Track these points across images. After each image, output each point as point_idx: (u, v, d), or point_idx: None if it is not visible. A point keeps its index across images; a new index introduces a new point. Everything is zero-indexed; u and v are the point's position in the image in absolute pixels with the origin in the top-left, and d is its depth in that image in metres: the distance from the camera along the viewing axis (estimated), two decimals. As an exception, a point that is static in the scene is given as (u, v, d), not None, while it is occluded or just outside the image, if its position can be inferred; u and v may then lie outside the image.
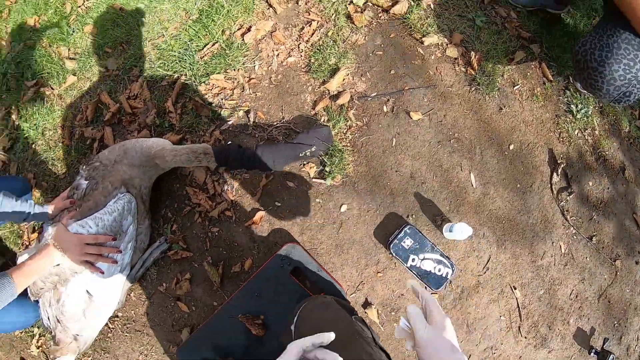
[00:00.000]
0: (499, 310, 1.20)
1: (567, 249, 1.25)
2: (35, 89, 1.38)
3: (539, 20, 1.29)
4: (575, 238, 1.25)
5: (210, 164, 1.07)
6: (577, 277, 1.24)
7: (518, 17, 1.28)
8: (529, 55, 1.26)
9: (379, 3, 1.25)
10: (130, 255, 1.17)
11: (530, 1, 1.25)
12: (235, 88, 1.20)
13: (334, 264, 1.15)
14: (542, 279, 1.22)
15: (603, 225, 1.27)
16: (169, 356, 1.23)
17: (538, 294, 1.22)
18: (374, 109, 1.20)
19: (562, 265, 1.24)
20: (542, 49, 1.26)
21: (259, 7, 1.26)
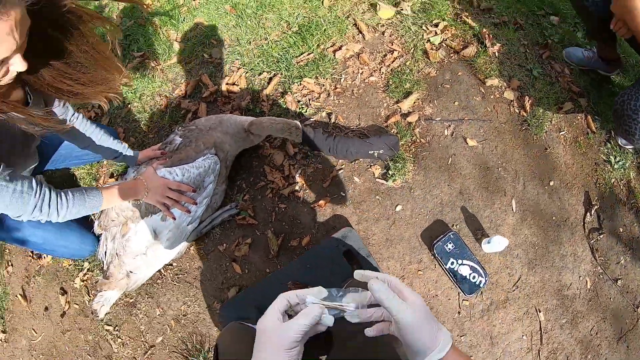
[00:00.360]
0: (522, 329, 1.30)
1: (592, 285, 1.35)
2: (141, 59, 1.62)
3: (589, 78, 1.48)
4: (602, 277, 1.36)
5: (297, 138, 1.23)
6: (600, 315, 1.33)
7: (571, 73, 1.48)
8: (576, 107, 1.44)
9: (452, 45, 1.47)
10: (202, 210, 1.28)
11: (584, 62, 1.45)
12: (322, 93, 1.41)
13: (381, 254, 1.29)
14: (566, 309, 1.32)
15: (630, 270, 1.38)
16: (210, 311, 1.34)
17: (560, 322, 1.32)
18: (436, 131, 1.39)
19: (586, 300, 1.34)
20: (589, 104, 1.44)
21: (350, 32, 1.49)
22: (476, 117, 1.40)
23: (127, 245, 1.28)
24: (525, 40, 1.52)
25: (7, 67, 0.77)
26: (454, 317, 1.27)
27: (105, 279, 1.32)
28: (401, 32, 1.49)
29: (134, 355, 1.40)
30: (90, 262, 1.50)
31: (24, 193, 0.96)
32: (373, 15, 1.51)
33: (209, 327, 1.34)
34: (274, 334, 0.51)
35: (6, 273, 1.66)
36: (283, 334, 0.50)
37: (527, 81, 1.46)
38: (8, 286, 1.64)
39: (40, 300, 1.56)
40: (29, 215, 1.00)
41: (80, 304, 1.49)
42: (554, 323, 1.30)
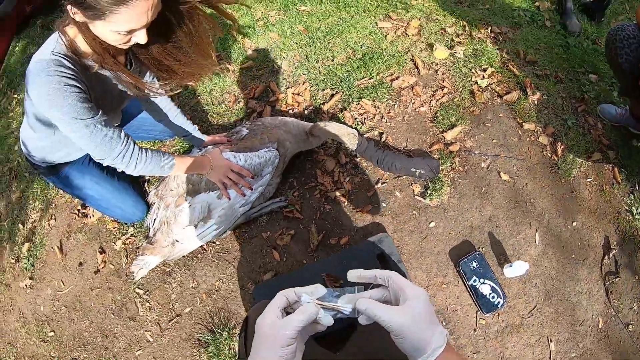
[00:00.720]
0: (532, 356, 1.35)
1: (604, 326, 1.41)
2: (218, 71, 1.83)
3: (620, 134, 1.62)
4: (614, 320, 1.43)
5: (352, 145, 1.37)
6: (609, 356, 1.37)
7: (603, 127, 1.63)
8: (604, 158, 1.57)
9: (496, 89, 1.64)
10: (256, 197, 1.40)
11: (616, 118, 1.60)
12: (376, 114, 1.58)
13: (411, 263, 1.41)
14: (577, 343, 1.38)
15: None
16: (243, 290, 1.43)
17: (570, 356, 1.36)
18: (474, 162, 1.53)
19: (597, 340, 1.39)
20: (617, 156, 1.58)
21: (408, 66, 1.68)
22: (511, 155, 1.54)
23: (179, 215, 1.37)
24: (563, 93, 1.68)
25: (131, 37, 0.94)
26: (470, 334, 1.36)
27: (150, 244, 1.41)
28: (452, 72, 1.67)
29: (159, 321, 1.48)
30: (136, 227, 1.60)
31: (113, 139, 1.08)
32: (429, 54, 1.70)
33: (238, 305, 1.43)
34: (270, 331, 0.51)
35: (47, 225, 1.77)
36: (279, 330, 0.51)
37: (561, 129, 1.61)
38: (46, 238, 1.74)
39: (76, 255, 1.66)
40: (111, 160, 1.12)
41: (116, 265, 1.58)
42: (564, 355, 1.35)
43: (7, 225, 1.89)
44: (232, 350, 1.40)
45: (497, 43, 1.77)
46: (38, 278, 1.70)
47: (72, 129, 1.02)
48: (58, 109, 0.96)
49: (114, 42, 0.94)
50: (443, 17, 1.89)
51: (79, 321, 1.58)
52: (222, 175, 1.33)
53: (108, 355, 1.52)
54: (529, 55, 1.75)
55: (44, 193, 1.86)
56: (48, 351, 1.59)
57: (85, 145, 1.07)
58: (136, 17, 0.87)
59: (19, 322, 1.68)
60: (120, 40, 0.93)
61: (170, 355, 1.45)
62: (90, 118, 1.02)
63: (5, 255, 1.83)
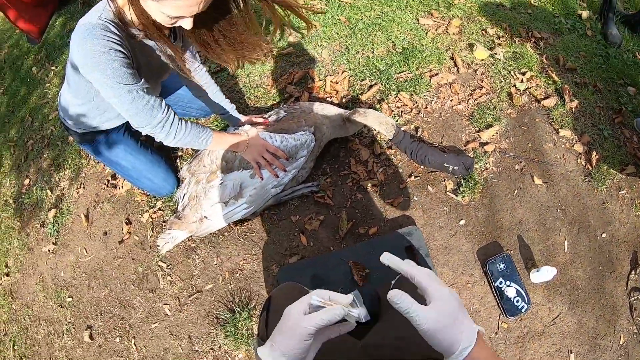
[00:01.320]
0: None
1: (625, 342, 1.39)
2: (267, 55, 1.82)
3: (656, 150, 1.61)
4: (635, 337, 1.41)
5: (389, 134, 1.37)
6: None
7: (638, 141, 1.61)
8: (638, 172, 1.56)
9: (534, 93, 1.63)
10: (289, 179, 1.39)
11: (653, 134, 1.59)
12: (414, 108, 1.58)
13: (438, 259, 1.40)
14: (597, 358, 1.35)
15: (664, 339, 1.43)
16: (266, 272, 1.43)
17: None
18: (507, 164, 1.53)
19: (617, 356, 1.37)
20: (651, 172, 1.57)
21: (447, 63, 1.68)
22: (546, 160, 1.54)
23: (209, 191, 1.37)
24: (601, 103, 1.66)
25: (177, 20, 0.95)
26: (491, 336, 1.35)
27: (178, 219, 1.41)
28: (491, 73, 1.66)
29: (179, 295, 1.49)
30: (164, 201, 1.61)
31: (154, 108, 1.09)
32: (469, 54, 1.69)
33: (261, 286, 1.43)
34: (294, 322, 0.54)
35: (75, 193, 1.78)
36: (302, 322, 0.53)
37: (596, 139, 1.60)
38: (73, 205, 1.76)
39: (101, 224, 1.67)
40: (151, 128, 1.11)
41: (140, 237, 1.59)
42: None
43: (36, 191, 1.91)
44: (250, 331, 1.40)
45: (538, 48, 1.76)
46: (61, 244, 1.72)
47: (115, 94, 1.02)
48: (101, 72, 0.97)
49: (160, 21, 0.95)
50: (484, 18, 1.88)
51: (98, 289, 1.60)
52: (257, 154, 1.33)
53: (124, 325, 1.53)
54: (568, 62, 1.74)
55: (74, 162, 1.88)
56: (64, 316, 1.60)
57: (126, 111, 1.07)
58: (187, 7, 0.88)
59: (38, 285, 1.70)
60: (166, 21, 0.94)
61: (187, 330, 1.46)
62: (133, 84, 1.02)
63: (30, 219, 1.85)
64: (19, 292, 1.75)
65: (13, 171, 2.07)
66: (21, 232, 1.86)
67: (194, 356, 1.42)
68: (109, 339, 1.51)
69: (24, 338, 1.65)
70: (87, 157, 1.85)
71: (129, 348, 1.48)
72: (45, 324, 1.63)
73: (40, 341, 1.61)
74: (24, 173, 2.02)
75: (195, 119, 1.70)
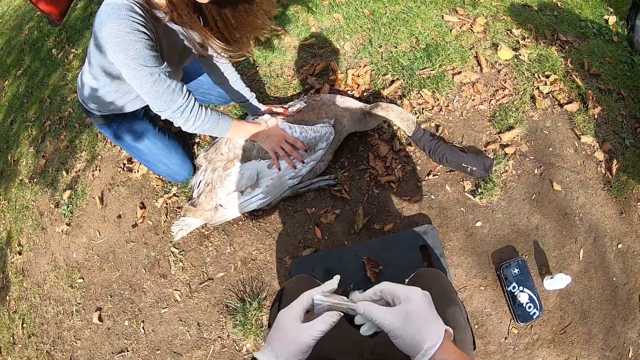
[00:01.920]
0: None
1: (633, 356, 1.36)
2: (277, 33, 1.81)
3: (678, 162, 1.58)
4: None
5: (408, 131, 1.35)
6: None
7: (661, 152, 1.59)
8: (659, 184, 1.54)
9: (557, 97, 1.61)
10: (307, 171, 1.39)
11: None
12: (435, 106, 1.56)
13: (452, 260, 1.39)
14: None
15: (674, 354, 1.42)
16: (279, 263, 1.43)
17: None
18: (527, 167, 1.51)
19: None
20: (673, 185, 1.54)
21: (471, 62, 1.65)
22: (566, 166, 1.52)
23: (225, 179, 1.36)
24: (624, 111, 1.63)
25: None
26: (500, 341, 1.34)
27: (192, 206, 1.41)
28: (515, 74, 1.63)
29: (190, 282, 1.49)
30: (179, 188, 1.61)
31: (175, 92, 1.07)
32: (493, 53, 1.67)
33: (272, 277, 1.43)
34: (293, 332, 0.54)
35: (91, 176, 1.79)
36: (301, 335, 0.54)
37: (618, 147, 1.57)
38: (88, 187, 1.77)
39: (115, 207, 1.68)
40: (171, 113, 1.10)
41: (154, 222, 1.60)
42: None
43: (51, 172, 1.92)
44: (259, 321, 1.41)
45: (563, 51, 1.73)
46: (75, 225, 1.73)
47: (136, 76, 1.01)
48: (124, 53, 0.96)
49: None
50: (510, 18, 1.85)
51: (110, 272, 1.61)
52: (275, 144, 1.32)
53: (133, 308, 1.54)
54: (593, 67, 1.71)
55: (91, 144, 1.88)
56: (74, 297, 1.62)
57: (146, 94, 1.06)
58: None
59: (49, 265, 1.71)
60: None
61: (196, 317, 1.47)
62: (155, 67, 1.02)
63: (45, 199, 1.86)
64: (31, 271, 1.77)
65: (30, 151, 2.08)
66: (35, 212, 1.87)
67: (201, 343, 1.43)
68: (118, 322, 1.52)
69: (33, 316, 1.67)
70: (104, 140, 1.86)
71: (137, 332, 1.49)
72: (55, 304, 1.64)
73: (50, 320, 1.63)
74: (40, 153, 2.03)
75: (215, 106, 1.69)
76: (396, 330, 0.51)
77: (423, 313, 0.52)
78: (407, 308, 0.52)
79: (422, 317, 0.52)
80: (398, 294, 0.55)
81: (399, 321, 0.51)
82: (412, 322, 0.51)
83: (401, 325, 0.51)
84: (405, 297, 0.54)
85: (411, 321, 0.51)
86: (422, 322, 0.52)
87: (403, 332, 0.51)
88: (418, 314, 0.52)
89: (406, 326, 0.51)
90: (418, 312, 0.52)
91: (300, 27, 1.82)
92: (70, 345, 1.56)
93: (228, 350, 1.41)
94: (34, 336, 1.64)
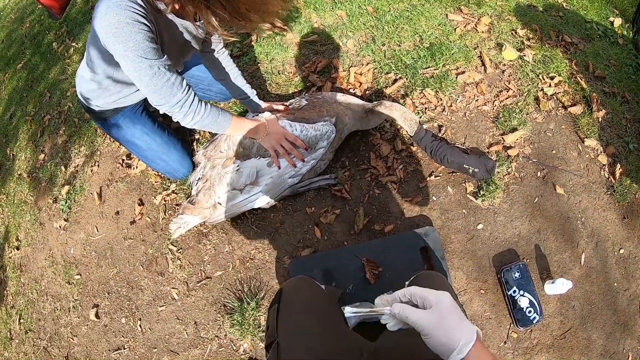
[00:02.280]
0: None
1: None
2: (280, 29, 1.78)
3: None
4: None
5: (410, 130, 1.34)
6: None
7: (666, 158, 1.57)
8: (663, 189, 1.52)
9: (562, 99, 1.59)
10: (307, 170, 1.37)
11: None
12: (438, 106, 1.54)
13: (453, 263, 1.38)
14: None
15: (674, 362, 1.40)
16: (278, 263, 1.42)
17: None
18: (530, 170, 1.49)
19: None
20: (677, 190, 1.52)
21: (475, 62, 1.63)
22: (569, 169, 1.50)
23: (224, 177, 1.35)
24: (628, 115, 1.62)
25: None
26: (499, 345, 1.33)
27: (191, 204, 1.39)
28: (519, 75, 1.61)
29: (187, 280, 1.48)
30: (178, 185, 1.60)
31: (174, 86, 1.06)
32: (497, 54, 1.65)
33: (271, 277, 1.42)
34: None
35: (90, 171, 1.77)
36: None
37: (622, 151, 1.55)
38: (86, 183, 1.75)
39: (114, 203, 1.67)
40: (169, 107, 1.08)
41: (152, 219, 1.59)
42: None
43: (50, 167, 1.91)
44: (257, 321, 1.40)
45: (567, 53, 1.71)
46: (73, 221, 1.72)
47: (135, 68, 1.00)
48: (123, 44, 0.94)
49: None
50: (515, 18, 1.82)
51: (107, 269, 1.60)
52: (275, 142, 1.30)
53: (130, 306, 1.53)
54: (598, 70, 1.69)
55: (90, 139, 1.87)
56: (71, 293, 1.61)
57: (145, 87, 1.05)
58: None
59: (47, 260, 1.70)
60: None
61: (193, 316, 1.46)
62: (155, 59, 1.00)
63: (43, 194, 1.85)
64: (28, 266, 1.76)
65: (29, 145, 2.06)
66: (33, 207, 1.86)
67: (198, 342, 1.42)
68: (115, 319, 1.51)
69: (30, 312, 1.66)
70: (103, 135, 1.84)
71: (134, 329, 1.48)
72: (53, 300, 1.63)
73: (47, 316, 1.62)
74: (39, 148, 2.01)
75: (215, 103, 1.68)
76: (431, 329, 0.54)
77: (455, 314, 0.55)
78: (439, 309, 0.55)
79: (455, 317, 0.55)
80: (429, 297, 0.57)
81: (433, 321, 0.54)
82: (446, 321, 0.54)
83: (436, 324, 0.54)
84: (437, 301, 0.56)
85: (445, 320, 0.54)
86: (455, 321, 0.55)
87: (438, 331, 0.54)
88: (452, 315, 0.55)
89: (440, 325, 0.54)
90: (451, 313, 0.55)
91: (302, 24, 1.80)
92: (67, 342, 1.55)
93: (225, 350, 1.39)
94: (31, 332, 1.63)
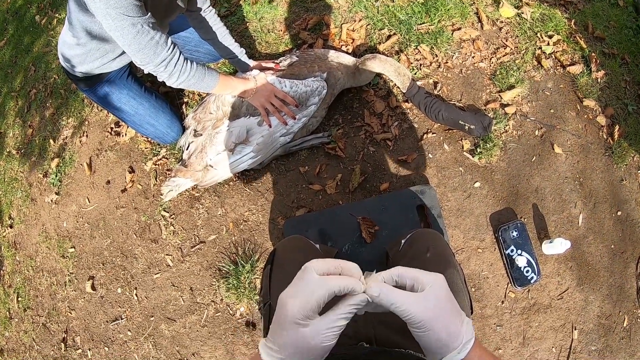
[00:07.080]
0: (554, 340, 1.29)
1: (628, 325, 1.33)
2: None
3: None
4: (638, 322, 1.34)
5: (403, 86, 1.32)
6: (627, 357, 1.31)
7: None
8: (661, 152, 1.49)
9: (560, 58, 1.55)
10: (299, 127, 1.33)
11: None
12: (433, 62, 1.51)
13: (449, 221, 1.36)
14: (599, 337, 1.31)
15: (669, 325, 1.37)
16: (272, 224, 1.40)
17: (590, 348, 1.30)
18: (528, 128, 1.46)
19: (619, 337, 1.32)
20: (675, 152, 1.49)
21: (471, 18, 1.59)
22: (567, 129, 1.47)
23: (215, 137, 1.32)
24: (627, 77, 1.58)
25: None
26: (497, 305, 1.32)
27: (183, 166, 1.37)
28: (517, 33, 1.57)
29: (181, 246, 1.47)
30: (168, 149, 1.57)
31: (159, 44, 1.02)
32: (494, 10, 1.60)
33: (265, 238, 1.41)
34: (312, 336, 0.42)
35: (78, 142, 1.74)
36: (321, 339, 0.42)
37: (620, 113, 1.52)
38: (76, 154, 1.72)
39: (104, 173, 1.64)
40: (154, 67, 1.05)
41: (144, 186, 1.57)
42: (584, 346, 1.30)
43: (38, 141, 1.87)
44: (252, 284, 1.38)
45: (567, 12, 1.66)
46: (64, 194, 1.69)
47: (117, 26, 0.96)
48: (105, 1, 0.91)
49: None
50: (512, -23, 1.77)
51: (101, 239, 1.58)
52: (264, 100, 1.27)
53: (126, 275, 1.52)
54: (597, 30, 1.65)
55: (77, 110, 1.83)
56: (67, 267, 1.59)
57: (128, 46, 1.01)
58: None
59: (40, 236, 1.68)
60: None
61: (188, 282, 1.44)
62: (138, 17, 0.96)
63: (33, 169, 1.82)
64: (23, 244, 1.74)
65: (17, 122, 2.02)
66: (24, 183, 1.83)
67: (195, 308, 1.41)
68: (111, 290, 1.50)
69: (27, 289, 1.65)
70: (91, 105, 1.80)
71: (131, 299, 1.47)
72: (48, 275, 1.62)
73: (44, 292, 1.61)
74: (27, 123, 1.97)
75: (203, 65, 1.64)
76: (428, 320, 0.41)
77: (452, 303, 0.43)
78: (435, 294, 0.42)
79: (451, 306, 0.43)
80: (421, 279, 0.43)
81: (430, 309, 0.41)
82: (443, 312, 0.42)
83: (435, 315, 0.41)
84: (431, 281, 0.43)
85: (442, 311, 0.42)
86: (453, 312, 0.43)
87: (435, 324, 0.41)
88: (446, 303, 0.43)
89: (439, 316, 0.41)
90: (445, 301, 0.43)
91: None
92: (65, 317, 1.54)
93: (222, 315, 1.39)
94: (29, 309, 1.62)
